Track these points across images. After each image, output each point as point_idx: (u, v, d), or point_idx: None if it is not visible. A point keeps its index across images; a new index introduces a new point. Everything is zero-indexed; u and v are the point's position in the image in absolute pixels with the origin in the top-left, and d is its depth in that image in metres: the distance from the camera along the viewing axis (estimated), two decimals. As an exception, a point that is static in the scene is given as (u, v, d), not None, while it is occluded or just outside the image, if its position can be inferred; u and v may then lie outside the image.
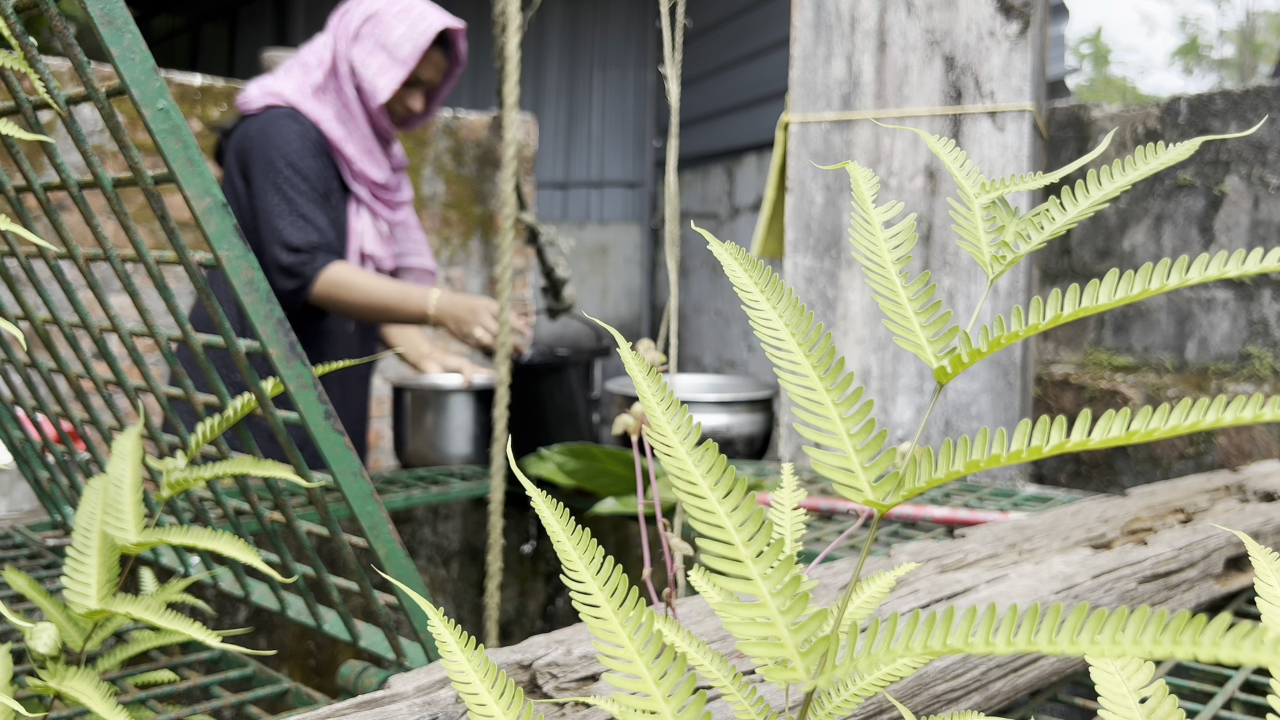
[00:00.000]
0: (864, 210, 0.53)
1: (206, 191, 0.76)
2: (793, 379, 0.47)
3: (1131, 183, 0.49)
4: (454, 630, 0.52)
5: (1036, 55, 2.08)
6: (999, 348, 0.44)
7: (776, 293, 0.50)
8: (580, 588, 0.48)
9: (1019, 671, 0.85)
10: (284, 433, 0.87)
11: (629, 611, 0.47)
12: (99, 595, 0.80)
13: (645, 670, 0.46)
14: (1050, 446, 0.40)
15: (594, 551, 0.50)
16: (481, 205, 4.14)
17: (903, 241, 0.51)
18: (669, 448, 0.47)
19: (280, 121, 1.94)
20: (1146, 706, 0.50)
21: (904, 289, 0.49)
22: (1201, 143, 0.48)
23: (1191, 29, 12.57)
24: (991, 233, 0.50)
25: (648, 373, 0.50)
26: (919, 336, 0.47)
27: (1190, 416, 0.38)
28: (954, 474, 0.42)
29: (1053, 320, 0.44)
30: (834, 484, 0.45)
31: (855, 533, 1.57)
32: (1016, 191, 0.52)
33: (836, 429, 0.46)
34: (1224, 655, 0.30)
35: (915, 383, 2.11)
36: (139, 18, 7.32)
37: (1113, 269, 0.43)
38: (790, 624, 0.44)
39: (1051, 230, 0.49)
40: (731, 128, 5.76)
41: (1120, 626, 0.33)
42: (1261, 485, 1.34)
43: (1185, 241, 2.60)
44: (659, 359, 0.96)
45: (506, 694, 0.49)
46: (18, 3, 0.75)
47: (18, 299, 1.08)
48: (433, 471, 2.06)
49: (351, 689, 0.95)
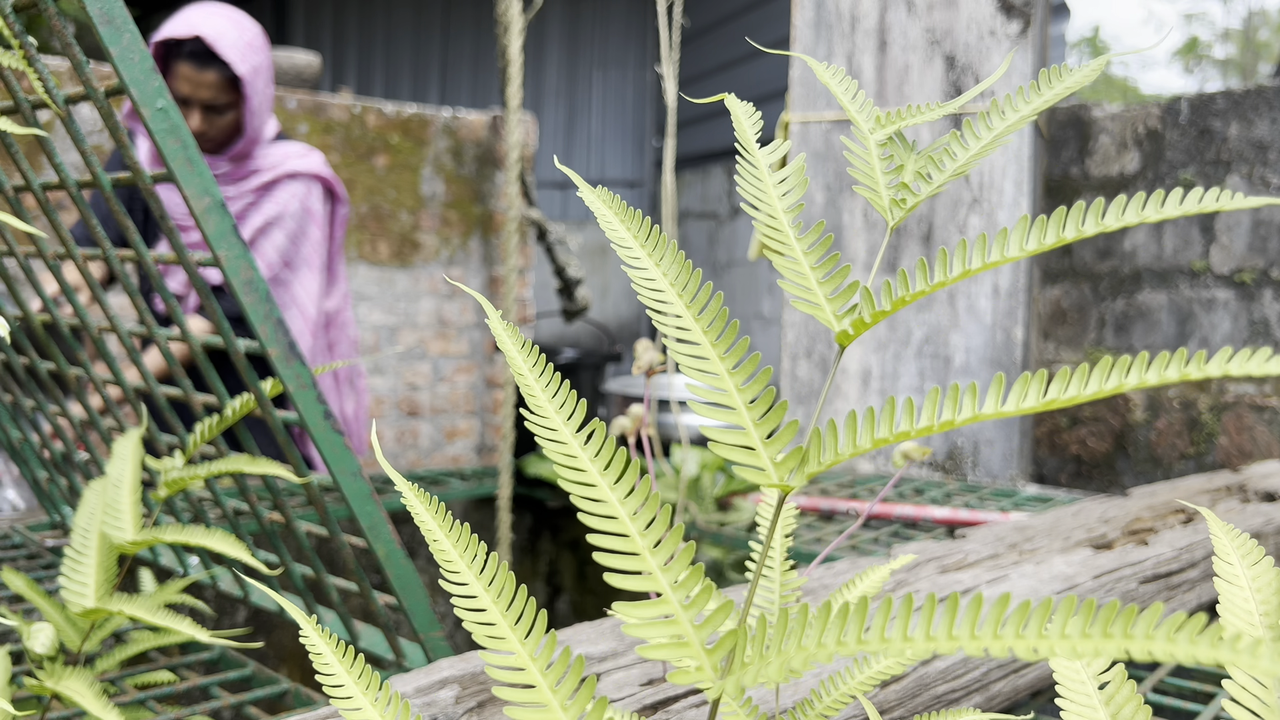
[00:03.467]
0: (750, 153, 0.46)
1: (205, 191, 0.76)
2: (682, 348, 0.41)
3: (1036, 111, 0.42)
4: (329, 640, 0.46)
5: (1037, 54, 2.08)
6: (903, 305, 0.38)
7: (659, 248, 0.44)
8: (463, 590, 0.42)
9: (1020, 672, 0.85)
10: (283, 432, 0.87)
11: (517, 612, 0.40)
12: (96, 594, 0.80)
13: (550, 697, 0.39)
14: (962, 417, 0.34)
15: (476, 549, 0.44)
16: (481, 205, 4.14)
17: (793, 188, 0.44)
18: (551, 430, 0.41)
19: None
20: (1106, 693, 0.46)
21: (798, 241, 0.43)
22: (1104, 61, 0.44)
23: (1197, 25, 12.55)
24: (889, 173, 0.43)
25: (522, 347, 0.44)
26: (817, 295, 0.41)
27: (1172, 368, 0.33)
28: (861, 449, 0.37)
29: (957, 276, 0.38)
30: (733, 465, 0.39)
31: (855, 533, 1.56)
32: (909, 125, 0.45)
33: (734, 402, 0.40)
34: (1224, 657, 0.29)
35: (916, 383, 2.11)
36: (139, 18, 7.31)
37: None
38: (693, 619, 0.38)
39: (954, 168, 0.42)
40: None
41: (1109, 624, 0.29)
42: (1262, 485, 1.34)
43: (1186, 242, 2.59)
44: (658, 359, 0.96)
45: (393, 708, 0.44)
46: (17, 2, 0.74)
47: (17, 299, 1.08)
48: (433, 472, 2.05)
49: (351, 689, 0.95)
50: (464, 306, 4.11)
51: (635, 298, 6.61)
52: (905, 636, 0.32)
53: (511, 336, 0.45)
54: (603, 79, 6.83)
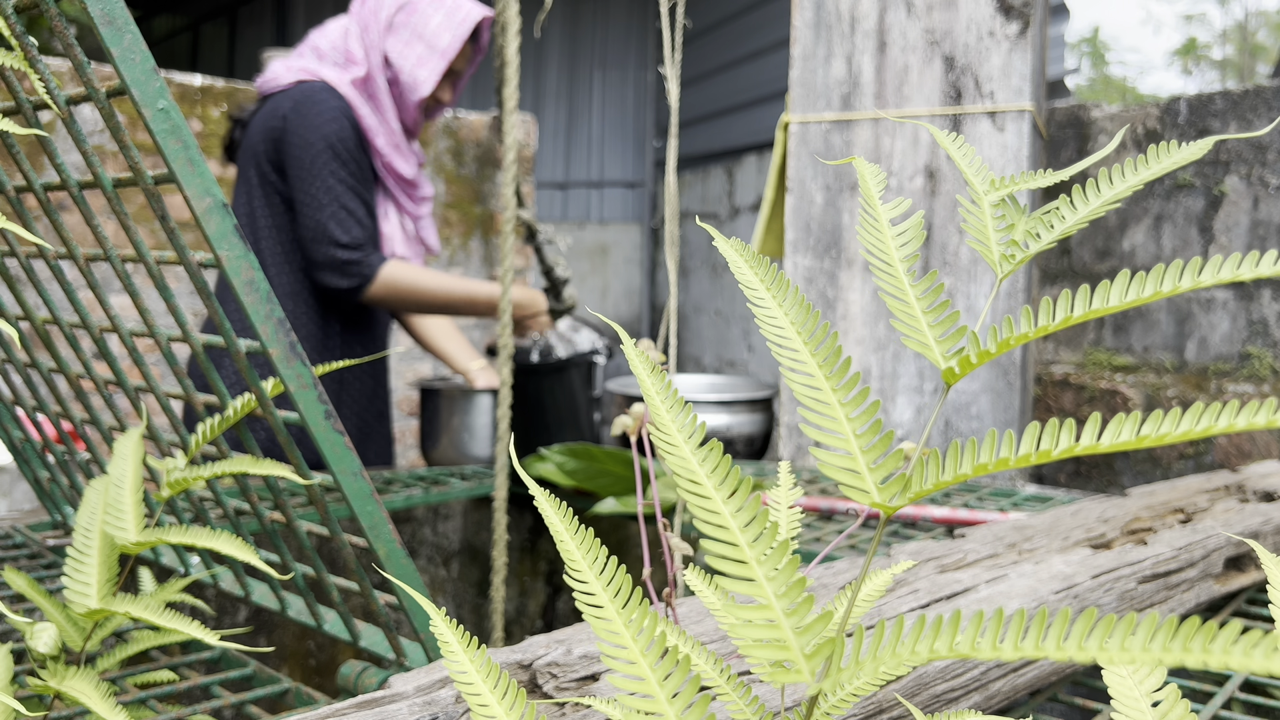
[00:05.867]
0: (871, 207, 0.52)
1: (207, 191, 0.77)
2: (798, 378, 0.46)
3: (1143, 182, 0.49)
4: (456, 630, 0.52)
5: (1036, 55, 2.08)
6: (1008, 349, 0.43)
7: (782, 290, 0.49)
8: (584, 588, 0.48)
9: (1019, 671, 0.85)
10: (284, 432, 0.87)
11: (632, 612, 0.47)
12: (99, 595, 0.81)
13: (649, 671, 0.45)
14: (1059, 450, 0.39)
15: (597, 551, 0.49)
16: (481, 205, 4.14)
17: (910, 239, 0.50)
18: (673, 447, 0.47)
19: (317, 95, 1.83)
20: (1159, 710, 0.49)
21: (911, 288, 0.48)
22: (1214, 141, 0.47)
23: (1195, 25, 12.58)
24: (1000, 231, 0.49)
25: (652, 370, 0.50)
26: (927, 336, 0.46)
27: (1201, 422, 0.37)
28: (961, 477, 0.42)
29: (1062, 322, 0.43)
30: (840, 485, 0.44)
31: (855, 532, 1.57)
32: (1020, 190, 0.51)
33: (842, 429, 0.45)
34: (1235, 664, 0.29)
35: (915, 383, 2.11)
36: (139, 18, 7.32)
37: (1116, 270, 0.43)
38: (795, 626, 0.43)
39: (1062, 229, 0.48)
40: (731, 128, 5.76)
41: (1130, 632, 0.32)
42: (1261, 485, 1.34)
43: (1185, 242, 2.60)
44: (659, 359, 0.96)
45: (509, 694, 0.49)
46: (18, 3, 0.75)
47: (18, 299, 1.08)
48: (433, 472, 2.06)
49: (351, 689, 0.95)
50: (464, 307, 4.12)
51: (635, 298, 6.61)
52: (995, 645, 0.35)
53: (644, 366, 0.51)
54: (603, 80, 6.84)
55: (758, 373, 5.13)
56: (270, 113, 1.87)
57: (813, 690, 0.42)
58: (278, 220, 1.90)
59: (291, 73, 1.88)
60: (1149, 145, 0.50)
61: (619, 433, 0.86)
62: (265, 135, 1.86)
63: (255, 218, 1.90)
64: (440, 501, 1.95)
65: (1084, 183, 0.49)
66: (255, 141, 1.88)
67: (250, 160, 1.90)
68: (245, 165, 1.92)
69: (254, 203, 1.90)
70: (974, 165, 0.53)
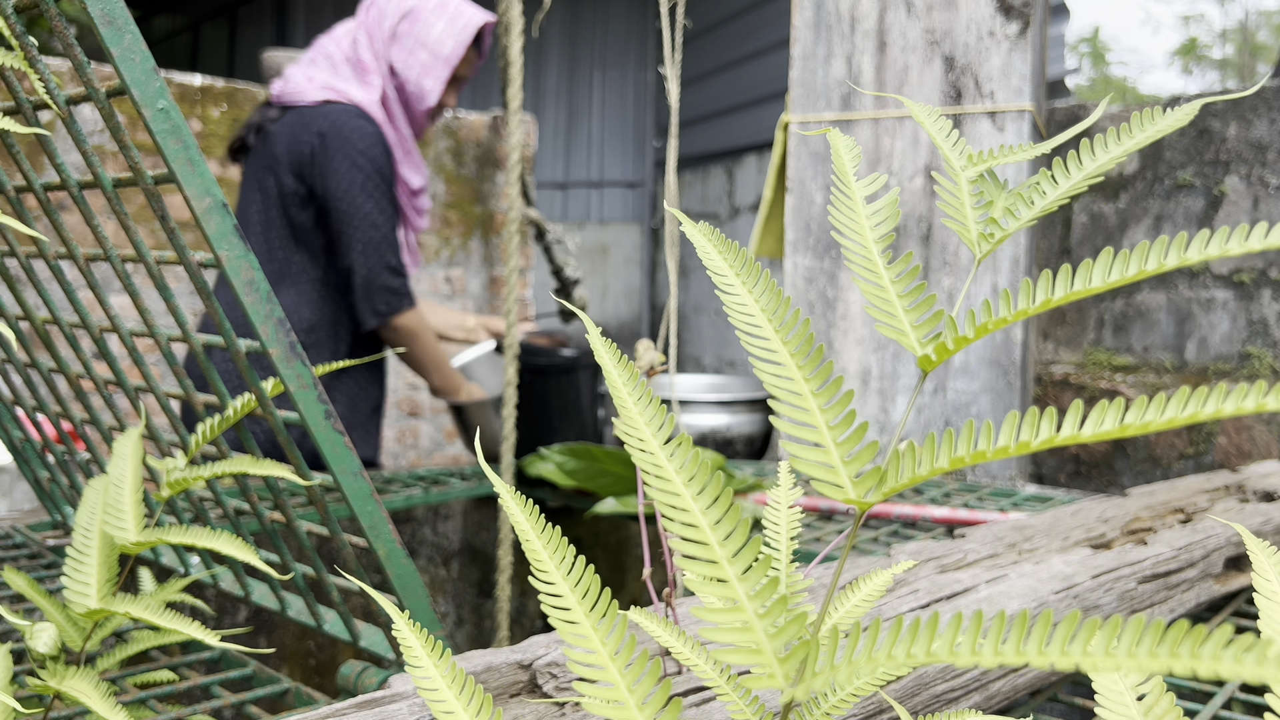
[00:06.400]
0: (845, 184, 0.49)
1: (206, 191, 0.77)
2: (769, 369, 0.44)
3: (1126, 153, 0.45)
4: (421, 634, 0.50)
5: (1036, 55, 2.08)
6: (986, 333, 0.41)
7: (753, 277, 0.47)
8: (550, 590, 0.46)
9: (1018, 671, 0.85)
10: (284, 432, 0.87)
11: (601, 615, 0.45)
12: (99, 595, 0.81)
13: (619, 677, 0.43)
14: (1039, 440, 0.37)
15: (565, 551, 0.47)
16: (481, 205, 4.14)
17: (885, 218, 0.47)
18: (642, 442, 0.44)
19: (356, 120, 1.84)
20: (1144, 704, 0.49)
21: (886, 270, 0.45)
22: (1201, 104, 0.45)
23: (1194, 26, 12.59)
24: (979, 208, 0.46)
25: (617, 361, 0.48)
26: (902, 322, 0.44)
27: (1187, 408, 0.35)
28: (938, 469, 0.40)
29: (1042, 304, 0.40)
30: (812, 481, 0.42)
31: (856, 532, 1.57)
32: (999, 165, 0.48)
33: (816, 421, 0.43)
34: (1224, 671, 0.28)
35: (914, 383, 2.11)
36: (139, 18, 7.32)
37: (1107, 251, 0.41)
38: (768, 628, 0.41)
39: (1043, 205, 0.45)
40: (731, 128, 5.76)
41: (1115, 636, 0.30)
42: (1261, 485, 1.34)
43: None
44: (659, 359, 0.96)
45: (475, 700, 0.47)
46: (18, 3, 0.75)
47: (18, 299, 1.08)
48: (433, 472, 2.06)
49: (351, 689, 0.95)
50: (464, 306, 4.12)
51: (635, 298, 6.61)
52: (974, 651, 0.33)
53: (610, 357, 0.48)
54: (603, 79, 6.83)
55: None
56: (300, 127, 1.85)
57: (786, 697, 0.40)
58: (298, 233, 1.89)
59: (315, 86, 1.88)
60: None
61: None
62: (293, 149, 1.85)
63: (270, 225, 1.90)
64: (440, 501, 1.95)
65: (1066, 157, 0.47)
66: (280, 153, 1.87)
67: (268, 170, 1.89)
68: (261, 174, 1.90)
69: (270, 211, 1.89)
70: (951, 140, 0.49)
